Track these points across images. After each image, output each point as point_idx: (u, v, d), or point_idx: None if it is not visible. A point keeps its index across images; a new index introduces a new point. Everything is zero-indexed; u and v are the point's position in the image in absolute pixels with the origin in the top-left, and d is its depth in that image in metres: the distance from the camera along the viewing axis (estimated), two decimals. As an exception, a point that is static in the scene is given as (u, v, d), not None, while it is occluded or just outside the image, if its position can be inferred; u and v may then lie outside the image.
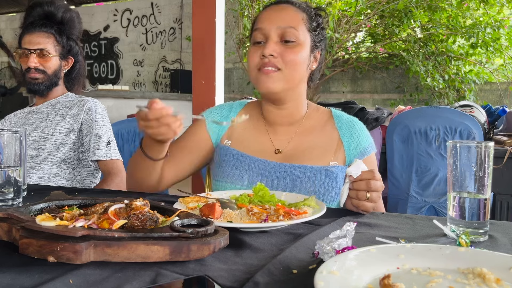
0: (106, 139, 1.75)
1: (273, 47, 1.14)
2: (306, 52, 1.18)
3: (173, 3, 8.68)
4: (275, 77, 1.15)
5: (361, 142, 1.26)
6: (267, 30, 1.15)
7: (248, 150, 1.23)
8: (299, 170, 1.16)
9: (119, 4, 9.33)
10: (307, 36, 1.18)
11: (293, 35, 1.15)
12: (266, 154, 1.23)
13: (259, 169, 1.19)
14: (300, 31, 1.16)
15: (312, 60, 1.23)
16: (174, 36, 8.70)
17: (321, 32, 1.24)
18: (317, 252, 0.67)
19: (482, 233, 0.79)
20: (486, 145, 0.79)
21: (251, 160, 1.21)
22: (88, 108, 1.79)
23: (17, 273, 0.60)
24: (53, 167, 1.71)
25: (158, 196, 1.13)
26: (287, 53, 1.14)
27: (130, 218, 0.71)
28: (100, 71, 9.57)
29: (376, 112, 2.71)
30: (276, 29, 1.15)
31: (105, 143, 1.74)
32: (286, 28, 1.14)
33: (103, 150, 1.72)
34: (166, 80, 8.72)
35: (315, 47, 1.23)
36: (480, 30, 5.68)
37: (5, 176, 0.94)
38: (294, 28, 1.15)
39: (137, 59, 9.14)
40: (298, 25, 1.16)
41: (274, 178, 1.17)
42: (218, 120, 1.30)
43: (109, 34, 9.40)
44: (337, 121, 1.28)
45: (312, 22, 1.20)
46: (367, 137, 1.28)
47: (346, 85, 7.21)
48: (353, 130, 1.27)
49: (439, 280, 0.56)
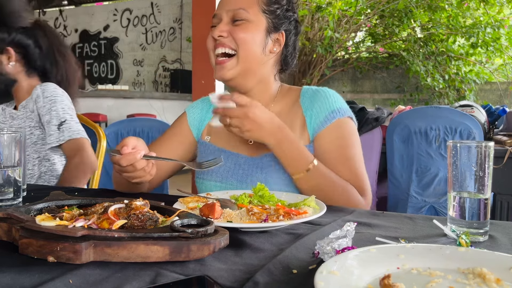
0: (57, 122, 1.63)
1: (221, 28, 1.16)
2: (260, 33, 1.17)
3: (173, 3, 8.67)
4: (228, 65, 1.17)
5: (324, 109, 1.18)
6: (219, 14, 1.19)
7: (225, 145, 1.25)
8: (265, 160, 1.17)
9: (119, 4, 9.33)
10: (260, 17, 1.18)
11: (243, 15, 1.16)
12: (242, 147, 1.22)
13: (232, 163, 1.20)
14: (251, 12, 1.16)
15: (270, 43, 1.19)
16: (174, 36, 8.70)
17: (285, 14, 1.21)
18: (317, 252, 0.67)
19: (482, 233, 0.79)
20: (486, 145, 0.79)
21: (225, 154, 1.22)
22: (36, 96, 1.67)
23: (17, 273, 0.60)
24: (40, 167, 1.67)
25: (158, 196, 1.13)
26: (236, 31, 1.15)
27: (130, 218, 0.71)
28: (100, 71, 9.58)
29: (376, 112, 2.70)
30: (227, 12, 1.17)
31: (56, 126, 1.62)
32: (235, 10, 1.16)
33: (55, 134, 1.61)
34: (166, 80, 8.73)
35: (274, 29, 1.20)
36: (480, 30, 5.68)
37: (5, 176, 0.94)
38: (244, 9, 1.16)
39: (137, 59, 9.14)
40: (249, 6, 1.17)
41: (245, 172, 1.18)
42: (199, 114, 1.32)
43: (109, 34, 9.40)
44: (302, 98, 1.23)
45: (272, 4, 1.19)
46: (334, 102, 1.20)
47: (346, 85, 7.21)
48: (315, 100, 1.20)
49: (439, 280, 0.56)
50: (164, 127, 2.23)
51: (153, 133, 2.26)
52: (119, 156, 0.98)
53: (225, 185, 1.19)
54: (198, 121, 1.32)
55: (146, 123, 2.35)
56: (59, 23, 9.89)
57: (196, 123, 1.32)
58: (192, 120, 1.32)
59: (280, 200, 0.98)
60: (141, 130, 2.31)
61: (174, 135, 1.32)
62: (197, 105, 1.35)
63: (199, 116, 1.33)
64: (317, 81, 6.49)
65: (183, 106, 1.45)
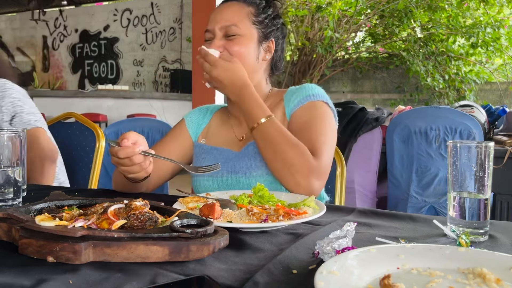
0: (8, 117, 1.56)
1: (217, 44, 1.22)
2: (253, 44, 1.25)
3: (173, 3, 8.67)
4: None
5: (300, 95, 1.25)
6: (212, 30, 1.25)
7: (218, 144, 1.31)
8: (251, 148, 1.22)
9: (119, 4, 9.33)
10: (251, 30, 1.25)
11: (235, 31, 1.23)
12: (233, 144, 1.29)
13: (223, 158, 1.26)
14: (242, 26, 1.23)
15: (262, 52, 1.27)
16: (174, 36, 8.70)
17: (272, 22, 1.29)
18: (317, 252, 0.67)
19: (482, 233, 0.79)
20: (486, 145, 0.79)
21: (218, 151, 1.28)
22: None
23: (17, 273, 0.60)
24: None
25: (158, 196, 1.13)
26: (230, 45, 1.22)
27: (130, 218, 0.71)
28: (100, 71, 9.57)
29: (376, 112, 2.71)
30: (220, 28, 1.23)
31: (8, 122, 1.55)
32: (227, 26, 1.23)
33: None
34: (166, 80, 8.72)
35: (265, 38, 1.27)
36: (480, 30, 5.68)
37: (5, 176, 0.94)
38: (235, 25, 1.23)
39: (137, 59, 9.14)
40: (240, 21, 1.23)
41: (233, 164, 1.23)
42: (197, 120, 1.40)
43: (109, 34, 9.40)
44: (286, 95, 1.30)
45: (260, 15, 1.26)
46: (311, 89, 1.26)
47: (346, 85, 7.21)
48: (295, 93, 1.28)
49: (439, 280, 0.56)
50: (164, 127, 2.23)
51: (153, 133, 2.26)
52: (117, 148, 0.99)
53: (216, 178, 1.23)
54: (195, 125, 1.39)
55: (146, 123, 2.35)
56: (59, 23, 9.89)
57: (194, 127, 1.39)
58: (190, 125, 1.39)
59: (280, 200, 0.98)
60: (141, 130, 2.31)
61: (173, 137, 1.37)
62: (195, 112, 1.43)
63: (197, 122, 1.40)
64: (317, 81, 6.49)
65: (183, 106, 1.47)
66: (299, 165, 1.09)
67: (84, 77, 9.69)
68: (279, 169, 1.12)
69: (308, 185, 1.09)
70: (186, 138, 1.37)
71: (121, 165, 1.02)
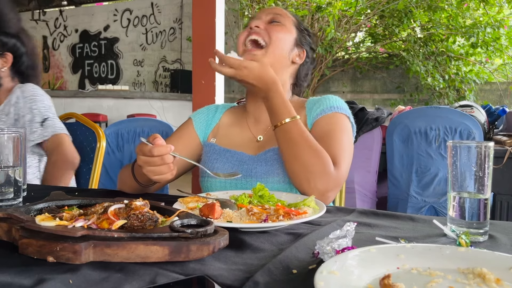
0: (40, 119, 1.61)
1: (259, 23, 1.27)
2: (290, 37, 1.29)
3: (173, 3, 8.67)
4: (256, 53, 1.24)
5: (323, 105, 1.27)
6: (259, 15, 1.30)
7: (231, 145, 1.29)
8: (269, 154, 1.21)
9: (119, 4, 9.33)
10: (292, 28, 1.31)
11: (279, 19, 1.29)
12: (247, 146, 1.28)
13: (236, 161, 1.24)
14: (286, 21, 1.30)
15: (295, 52, 1.31)
16: (174, 36, 8.70)
17: (307, 38, 1.35)
18: (317, 252, 0.67)
19: (482, 233, 0.79)
20: (486, 145, 0.79)
21: (231, 153, 1.26)
22: (16, 98, 1.65)
23: (17, 273, 0.60)
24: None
25: (158, 196, 1.12)
26: (271, 28, 1.27)
27: (130, 218, 0.71)
28: (100, 71, 9.57)
29: (376, 112, 2.70)
30: (267, 14, 1.30)
31: (39, 123, 1.61)
32: (274, 14, 1.30)
33: (38, 131, 1.59)
34: (166, 80, 8.72)
35: (300, 43, 1.32)
36: (480, 30, 5.68)
37: (5, 176, 0.94)
38: (281, 15, 1.30)
39: (137, 59, 9.14)
40: (285, 15, 1.31)
41: (249, 167, 1.21)
42: (206, 119, 1.39)
43: (109, 34, 9.39)
44: (307, 103, 1.32)
45: (301, 25, 1.35)
46: (335, 101, 1.28)
47: (346, 85, 7.20)
48: (318, 102, 1.29)
49: (439, 280, 0.56)
50: (164, 127, 2.23)
51: (153, 133, 2.25)
52: (151, 146, 0.97)
53: (230, 181, 1.21)
54: (204, 125, 1.37)
55: (146, 123, 2.36)
56: (59, 23, 9.89)
57: (202, 127, 1.37)
58: (198, 125, 1.37)
59: (280, 200, 0.98)
60: (141, 130, 2.31)
61: (179, 138, 1.35)
62: (203, 112, 1.42)
63: (205, 121, 1.38)
64: (317, 81, 6.49)
65: (183, 106, 1.47)
66: (319, 172, 1.08)
67: (84, 77, 9.69)
68: (297, 172, 1.10)
69: (324, 193, 1.08)
70: (193, 138, 1.35)
71: (151, 165, 0.98)
